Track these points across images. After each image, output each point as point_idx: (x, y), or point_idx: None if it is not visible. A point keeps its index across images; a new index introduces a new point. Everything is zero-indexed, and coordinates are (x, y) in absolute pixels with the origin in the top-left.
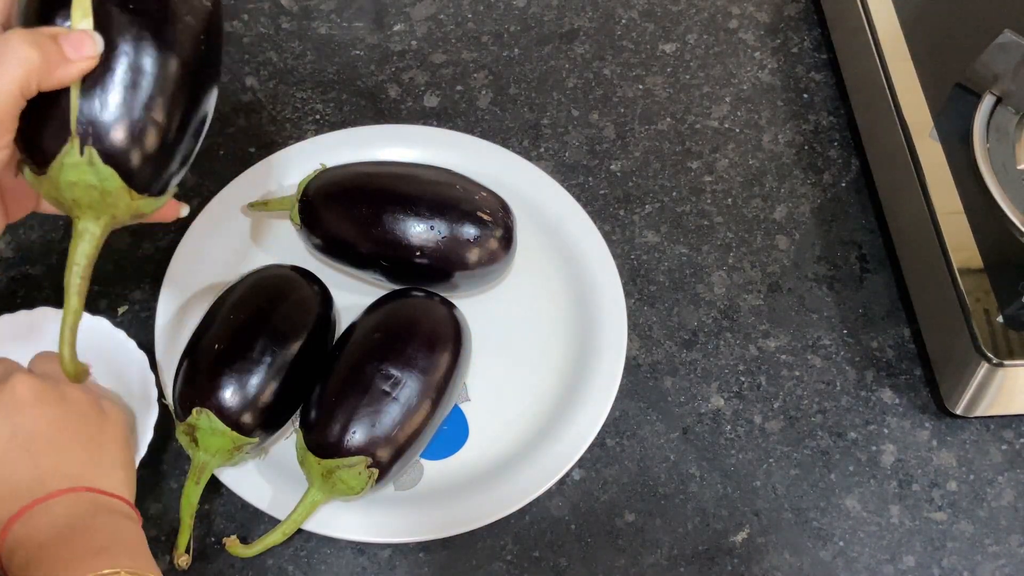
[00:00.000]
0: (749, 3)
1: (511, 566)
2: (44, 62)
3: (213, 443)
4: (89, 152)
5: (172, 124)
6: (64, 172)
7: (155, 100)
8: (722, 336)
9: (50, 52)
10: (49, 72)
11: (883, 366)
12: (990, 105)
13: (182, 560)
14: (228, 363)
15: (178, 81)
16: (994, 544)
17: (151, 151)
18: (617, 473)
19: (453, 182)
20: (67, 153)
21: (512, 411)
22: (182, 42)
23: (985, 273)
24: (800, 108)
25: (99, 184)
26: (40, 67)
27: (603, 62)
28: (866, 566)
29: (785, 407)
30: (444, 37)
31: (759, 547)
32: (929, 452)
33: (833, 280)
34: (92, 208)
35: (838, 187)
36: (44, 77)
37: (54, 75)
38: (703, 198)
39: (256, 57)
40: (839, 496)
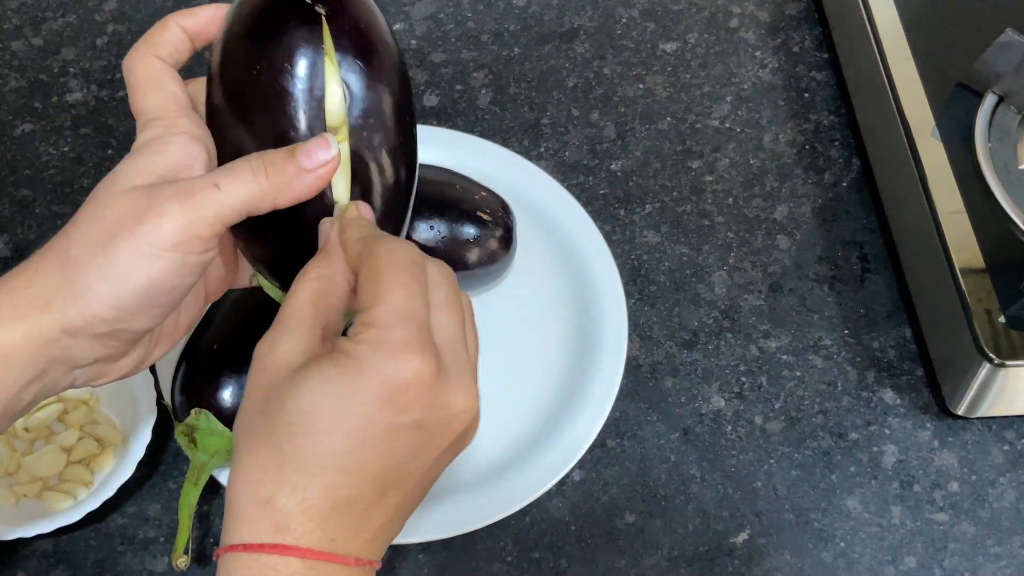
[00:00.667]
0: (750, 2)
1: (511, 567)
2: (280, 181)
3: (212, 443)
4: None
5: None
6: None
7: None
8: (723, 336)
9: (286, 168)
10: (288, 187)
11: (884, 366)
12: (992, 104)
13: (180, 561)
14: (227, 363)
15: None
16: (996, 545)
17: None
18: (617, 474)
19: (452, 181)
20: None
21: (512, 412)
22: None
23: (987, 273)
24: (801, 107)
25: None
26: (274, 185)
27: (603, 61)
28: (867, 567)
29: (786, 408)
30: (444, 36)
31: (760, 548)
32: (931, 453)
33: (834, 280)
34: None
35: (839, 187)
36: (281, 192)
37: (291, 188)
38: (704, 198)
39: None
40: (840, 497)
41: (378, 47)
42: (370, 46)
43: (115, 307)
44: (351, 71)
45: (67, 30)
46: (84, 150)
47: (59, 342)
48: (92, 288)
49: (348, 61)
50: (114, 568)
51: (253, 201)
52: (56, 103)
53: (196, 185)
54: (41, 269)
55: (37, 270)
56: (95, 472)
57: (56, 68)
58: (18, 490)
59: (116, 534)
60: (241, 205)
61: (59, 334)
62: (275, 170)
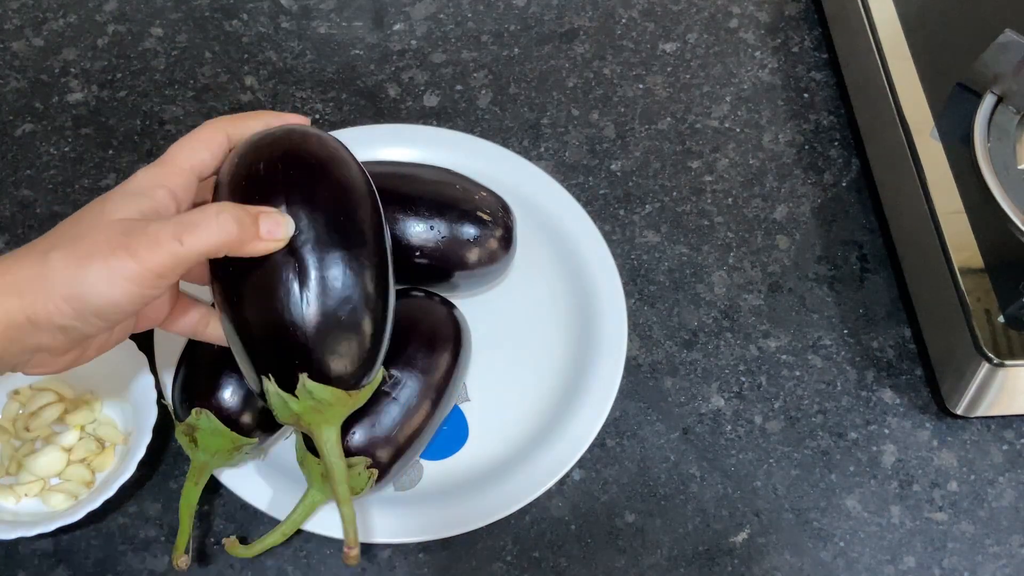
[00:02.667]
0: (749, 2)
1: (511, 567)
2: (240, 236)
3: (212, 443)
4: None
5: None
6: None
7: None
8: (722, 336)
9: (247, 228)
10: (241, 246)
11: (884, 366)
12: (991, 104)
13: (181, 561)
14: (226, 364)
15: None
16: (995, 544)
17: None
18: (617, 473)
19: (453, 182)
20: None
21: (512, 411)
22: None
23: (986, 273)
24: (800, 108)
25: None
26: (235, 240)
27: (603, 61)
28: (867, 567)
29: (785, 407)
30: (444, 36)
31: (759, 547)
32: (930, 452)
33: (833, 280)
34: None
35: (838, 187)
36: (235, 248)
37: (244, 248)
38: (703, 198)
39: (255, 56)
40: (840, 496)
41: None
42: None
43: (76, 310)
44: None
45: (68, 30)
46: (85, 150)
47: (23, 327)
48: (60, 290)
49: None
50: (115, 567)
51: (209, 254)
52: (57, 103)
53: (163, 236)
54: (20, 263)
55: (16, 262)
56: (96, 472)
57: (57, 68)
58: (19, 490)
59: (117, 533)
60: (197, 257)
61: (24, 320)
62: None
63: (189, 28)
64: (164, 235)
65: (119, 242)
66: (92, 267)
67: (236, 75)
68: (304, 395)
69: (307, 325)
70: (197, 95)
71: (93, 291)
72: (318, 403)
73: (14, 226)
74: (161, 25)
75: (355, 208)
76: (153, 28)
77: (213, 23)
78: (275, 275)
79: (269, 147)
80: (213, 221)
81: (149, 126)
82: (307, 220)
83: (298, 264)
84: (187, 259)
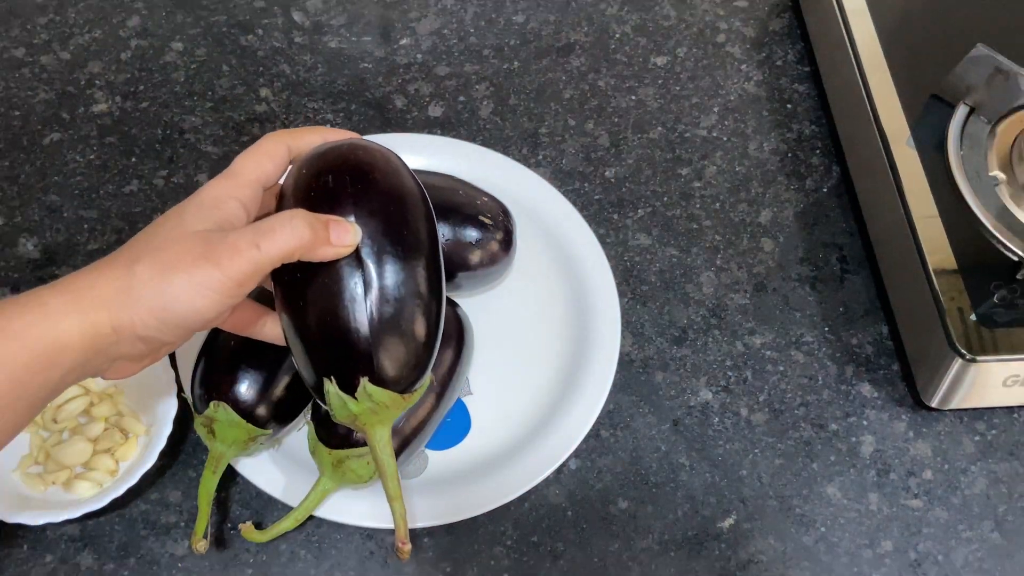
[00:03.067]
0: (736, 18)
1: (511, 550)
2: (312, 241)
3: (229, 434)
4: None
5: (430, 336)
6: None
7: (415, 326)
8: (710, 333)
9: (319, 234)
10: (312, 250)
11: (862, 361)
12: (963, 115)
13: (200, 545)
14: (243, 359)
15: (430, 302)
16: (967, 530)
17: (418, 366)
18: (611, 463)
19: (456, 187)
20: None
21: (512, 404)
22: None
23: (959, 274)
24: (784, 118)
25: (389, 402)
26: (307, 244)
27: (598, 74)
28: (846, 550)
29: (770, 400)
30: (448, 51)
31: (745, 532)
32: (906, 443)
33: (815, 280)
34: (382, 420)
35: (820, 192)
36: (307, 252)
37: (314, 253)
38: (692, 203)
39: (270, 69)
40: (821, 484)
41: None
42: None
43: (160, 320)
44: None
45: (93, 45)
46: (109, 158)
47: (107, 337)
48: (146, 302)
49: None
50: (137, 551)
51: (284, 259)
52: (83, 114)
53: (242, 244)
54: (104, 276)
55: (100, 276)
56: (119, 461)
57: (83, 80)
58: (47, 478)
59: (139, 519)
60: (274, 262)
61: (109, 331)
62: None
63: (207, 43)
64: (243, 243)
65: (201, 252)
66: (176, 279)
67: (252, 87)
68: (363, 397)
69: (370, 332)
70: (215, 106)
71: (178, 302)
72: (375, 405)
73: (43, 229)
74: (181, 40)
75: (415, 221)
76: (173, 43)
77: (230, 38)
78: (340, 282)
79: (336, 160)
80: (288, 226)
81: (170, 135)
82: (372, 230)
83: (363, 273)
84: (265, 264)
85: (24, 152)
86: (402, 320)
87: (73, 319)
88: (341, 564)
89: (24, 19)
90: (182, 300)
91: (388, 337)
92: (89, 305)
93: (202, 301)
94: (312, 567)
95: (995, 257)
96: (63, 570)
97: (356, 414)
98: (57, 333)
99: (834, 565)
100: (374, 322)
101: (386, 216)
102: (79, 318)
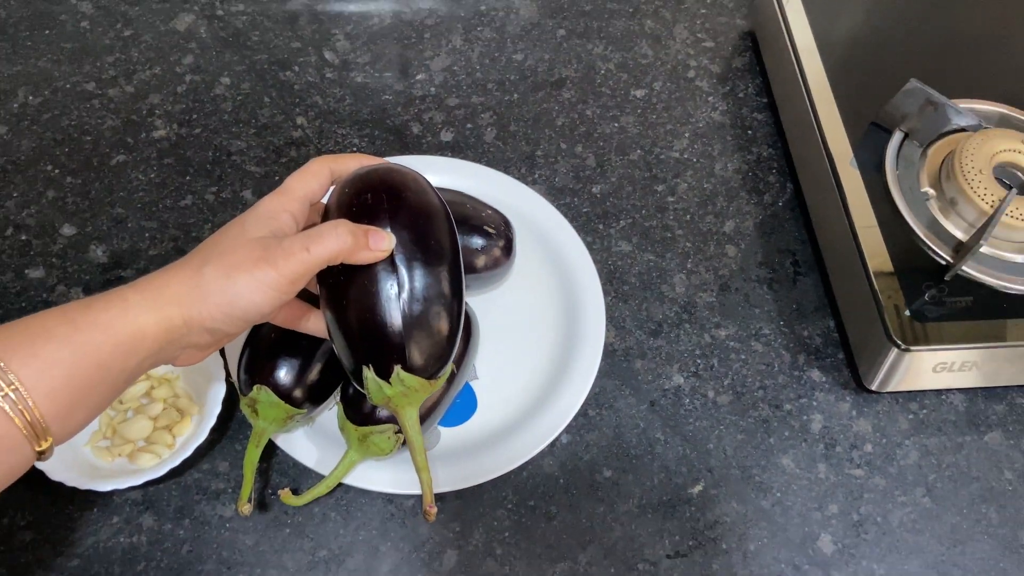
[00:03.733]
0: (704, 57)
1: (511, 512)
2: (353, 246)
3: (270, 413)
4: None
5: (453, 330)
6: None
7: (441, 322)
8: (682, 327)
9: (359, 240)
10: (353, 254)
11: (812, 351)
12: (899, 139)
13: (245, 508)
14: (283, 349)
15: (453, 301)
16: (902, 495)
17: (443, 355)
18: (597, 438)
19: (464, 202)
20: (395, 375)
21: (512, 387)
22: (451, 262)
23: (895, 275)
24: (745, 142)
25: (418, 386)
26: (349, 249)
27: (586, 104)
28: (799, 512)
29: (733, 384)
30: (457, 85)
31: (712, 498)
32: (849, 421)
33: (772, 281)
34: (411, 402)
35: (776, 206)
36: (349, 256)
37: (355, 256)
38: (667, 215)
39: (305, 100)
40: (776, 456)
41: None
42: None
43: (225, 314)
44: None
45: (153, 80)
46: (167, 176)
47: (179, 329)
48: (213, 298)
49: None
50: (191, 513)
51: (330, 261)
52: (144, 139)
53: (295, 248)
54: (177, 277)
55: (174, 277)
56: (176, 436)
57: (144, 110)
58: (114, 451)
59: (193, 486)
60: (321, 263)
61: (181, 323)
62: (355, 240)
63: (251, 78)
64: (296, 247)
65: (260, 255)
66: (240, 278)
67: (289, 116)
68: (396, 382)
69: (403, 327)
70: (258, 132)
71: (241, 298)
72: (407, 389)
73: (110, 238)
74: (229, 76)
75: (440, 233)
76: (222, 78)
77: (271, 74)
78: (377, 284)
79: (373, 180)
80: (333, 233)
81: (219, 157)
82: (404, 240)
83: (396, 276)
84: (314, 265)
85: (94, 172)
86: (430, 317)
87: (151, 314)
88: (366, 524)
89: (94, 57)
90: (244, 296)
91: (418, 331)
92: (165, 302)
93: (261, 297)
94: (341, 527)
95: (926, 261)
96: (128, 529)
97: (390, 397)
98: (138, 325)
99: (788, 525)
100: (406, 318)
101: (416, 228)
102: (156, 313)
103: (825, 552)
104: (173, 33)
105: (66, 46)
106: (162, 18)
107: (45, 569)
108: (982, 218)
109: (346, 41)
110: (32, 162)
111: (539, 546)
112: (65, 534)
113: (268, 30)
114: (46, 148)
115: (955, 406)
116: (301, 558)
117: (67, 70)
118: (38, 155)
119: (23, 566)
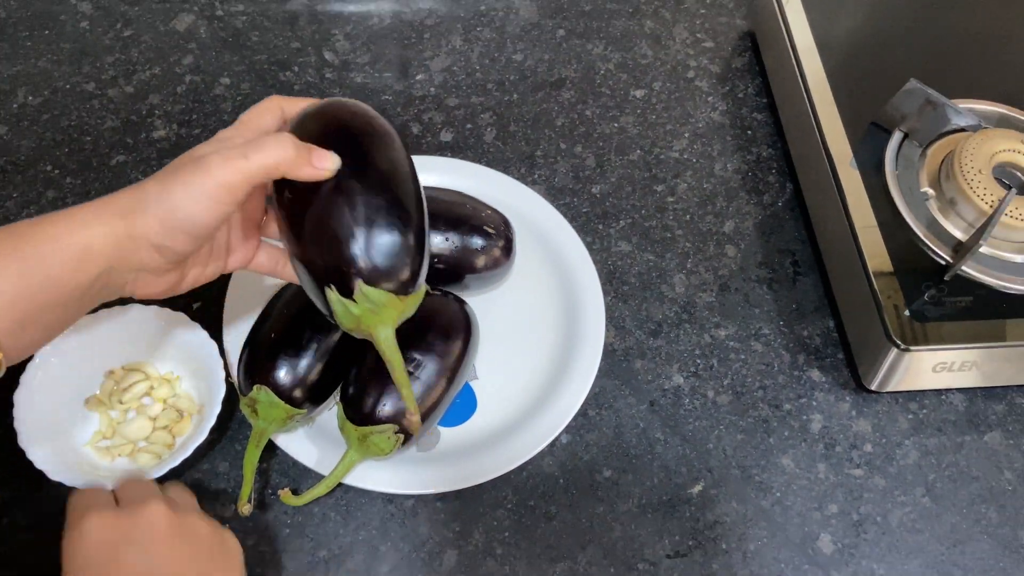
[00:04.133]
0: (704, 57)
1: (511, 512)
2: (295, 159)
3: (270, 413)
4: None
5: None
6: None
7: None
8: (682, 327)
9: (301, 154)
10: (295, 168)
11: (812, 351)
12: (899, 139)
13: (245, 508)
14: (282, 348)
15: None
16: (902, 495)
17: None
18: (597, 438)
19: (464, 202)
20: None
21: (512, 387)
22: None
23: (895, 275)
24: (745, 142)
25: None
26: (290, 161)
27: (585, 105)
28: (798, 512)
29: (733, 384)
30: (457, 85)
31: (711, 497)
32: (849, 420)
33: (772, 281)
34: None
35: (776, 206)
36: (289, 169)
37: (297, 171)
38: (666, 215)
39: None
40: (776, 456)
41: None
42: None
43: (166, 225)
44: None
45: (153, 80)
46: None
47: (126, 244)
48: (152, 209)
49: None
50: None
51: (270, 171)
52: (144, 139)
53: (232, 155)
54: (123, 193)
55: (121, 194)
56: (176, 436)
57: (144, 111)
58: (115, 451)
59: (193, 486)
60: (260, 171)
61: (126, 236)
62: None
63: (251, 78)
64: (233, 154)
65: (196, 165)
66: (175, 187)
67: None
68: (361, 299)
69: (358, 238)
70: None
71: (179, 209)
72: (374, 305)
73: None
74: (228, 76)
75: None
76: (222, 78)
77: (270, 74)
78: (328, 200)
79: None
80: (274, 142)
81: None
82: (354, 157)
83: (346, 193)
84: (252, 174)
85: (94, 172)
86: (386, 227)
87: (97, 227)
88: (366, 524)
89: (94, 58)
90: (182, 207)
91: (374, 241)
92: (109, 216)
93: (196, 206)
94: (341, 527)
95: (926, 261)
96: None
97: (358, 316)
98: (84, 237)
99: (788, 525)
100: (361, 230)
101: (363, 147)
102: (102, 227)
103: (825, 552)
104: (173, 33)
105: (66, 46)
106: (162, 18)
107: (45, 569)
108: (982, 218)
109: (346, 41)
110: (32, 162)
111: (539, 546)
112: None
113: (268, 30)
114: (46, 148)
115: (955, 406)
116: (301, 558)
117: (67, 70)
118: (38, 155)
119: (23, 566)
